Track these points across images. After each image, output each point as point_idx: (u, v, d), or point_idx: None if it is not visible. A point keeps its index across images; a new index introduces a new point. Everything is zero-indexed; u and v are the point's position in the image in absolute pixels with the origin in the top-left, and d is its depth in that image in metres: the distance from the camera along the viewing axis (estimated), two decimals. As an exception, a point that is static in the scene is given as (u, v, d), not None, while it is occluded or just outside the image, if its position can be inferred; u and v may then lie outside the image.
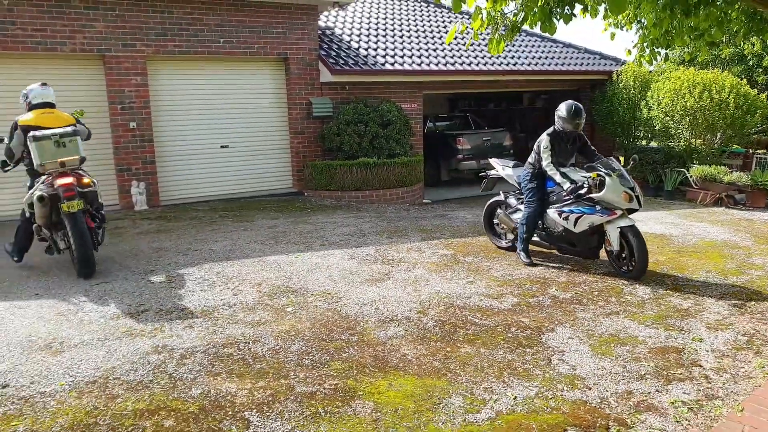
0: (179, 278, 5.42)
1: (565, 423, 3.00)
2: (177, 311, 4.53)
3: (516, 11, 4.05)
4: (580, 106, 5.81)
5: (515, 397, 3.25)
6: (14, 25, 8.34)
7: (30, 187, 5.53)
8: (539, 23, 3.88)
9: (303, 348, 3.85)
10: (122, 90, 9.19)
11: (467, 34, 13.01)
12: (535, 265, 5.97)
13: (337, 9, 12.65)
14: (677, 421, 3.03)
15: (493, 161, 6.97)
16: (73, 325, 4.23)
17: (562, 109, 5.79)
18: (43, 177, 5.33)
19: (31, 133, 5.28)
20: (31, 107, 5.72)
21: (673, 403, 3.20)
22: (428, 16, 14.63)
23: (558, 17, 3.84)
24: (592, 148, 6.11)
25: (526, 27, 4.14)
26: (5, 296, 4.93)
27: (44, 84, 5.91)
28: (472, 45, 12.52)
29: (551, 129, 5.87)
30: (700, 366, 3.68)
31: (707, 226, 8.15)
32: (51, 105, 5.80)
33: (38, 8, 8.49)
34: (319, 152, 10.95)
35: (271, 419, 2.96)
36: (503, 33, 3.97)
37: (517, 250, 6.18)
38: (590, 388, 3.37)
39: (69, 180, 5.19)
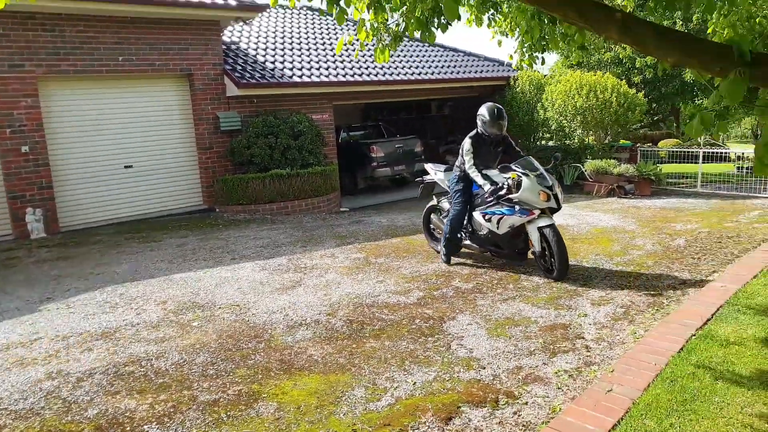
0: (79, 303, 5.22)
1: (460, 401, 3.18)
2: (75, 336, 4.38)
3: (398, 22, 4.26)
4: (502, 108, 5.81)
5: (415, 383, 3.41)
6: None
7: None
8: (419, 32, 4.10)
9: (208, 359, 3.84)
10: (11, 113, 8.71)
11: (356, 43, 13.35)
12: (452, 265, 6.09)
13: (241, 24, 12.60)
14: (558, 388, 3.29)
15: (427, 166, 6.92)
16: (-42, 360, 3.99)
17: (483, 112, 5.76)
18: None
19: None
20: None
21: (556, 373, 3.47)
22: (334, 28, 14.85)
23: (435, 26, 4.09)
24: (518, 149, 6.06)
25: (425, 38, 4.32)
26: None
27: None
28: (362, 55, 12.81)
29: (474, 132, 5.86)
30: (583, 338, 3.99)
31: (600, 215, 8.77)
32: None
33: None
34: (229, 167, 10.83)
35: (172, 430, 2.95)
36: (387, 43, 4.16)
37: (439, 251, 6.27)
38: (484, 368, 3.58)
39: None
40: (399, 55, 13.91)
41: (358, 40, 4.24)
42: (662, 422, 2.83)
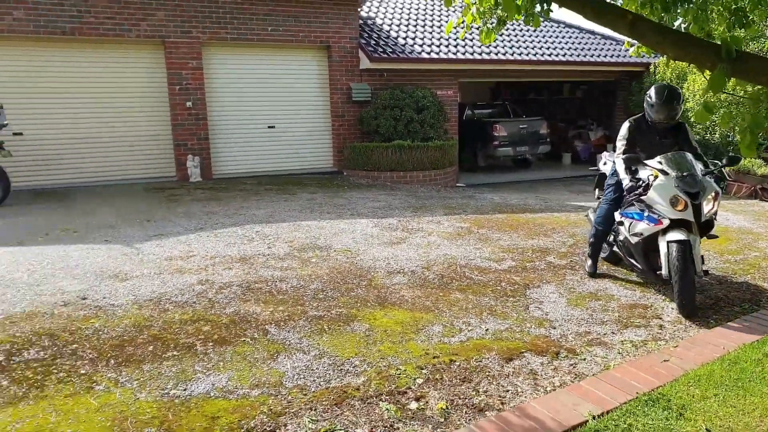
0: (224, 234, 6.30)
1: (524, 348, 3.64)
2: (219, 257, 5.39)
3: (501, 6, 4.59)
4: (676, 89, 4.61)
5: (487, 329, 3.91)
6: (89, 14, 9.43)
7: None
8: (523, 17, 4.40)
9: (319, 287, 4.62)
10: (180, 72, 10.20)
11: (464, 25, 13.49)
12: (599, 276, 5.14)
13: (379, 0, 13.33)
14: (619, 353, 3.62)
15: (604, 154, 5.73)
16: (134, 263, 5.14)
17: (651, 93, 4.63)
18: None
19: None
20: None
21: (621, 342, 3.79)
22: (462, 7, 15.10)
23: (538, 11, 4.37)
24: (695, 144, 4.76)
25: (565, 18, 4.61)
26: (82, 241, 5.93)
27: None
28: (494, 35, 12.92)
29: (638, 115, 4.88)
30: (660, 318, 4.22)
31: (730, 214, 8.42)
32: None
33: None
34: (357, 134, 11.72)
35: (285, 331, 3.74)
36: (493, 26, 4.54)
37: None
38: (555, 328, 3.99)
39: None
40: (531, 35, 13.90)
41: (464, 22, 4.63)
42: (707, 391, 3.09)
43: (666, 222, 4.23)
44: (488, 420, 2.79)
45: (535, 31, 13.98)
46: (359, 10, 11.87)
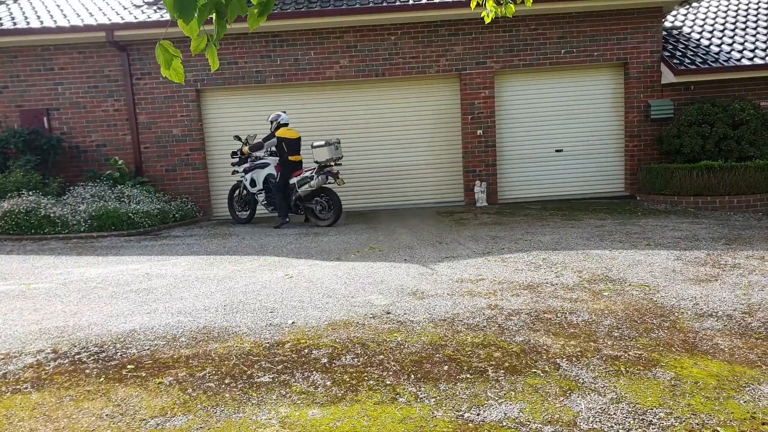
0: (511, 260, 6.38)
1: None
2: (507, 283, 5.47)
3: None
4: None
5: (841, 399, 3.12)
6: (397, 56, 10.67)
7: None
8: None
9: (613, 323, 4.31)
10: (473, 102, 10.77)
11: None
12: None
13: (686, 7, 12.02)
14: None
15: None
16: (429, 282, 5.56)
17: None
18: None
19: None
20: (281, 125, 9.34)
21: None
22: (807, -2, 12.54)
23: None
24: None
25: None
26: (385, 259, 6.67)
27: (284, 112, 9.68)
28: None
29: None
30: None
31: None
32: (287, 124, 9.48)
33: (414, 40, 10.65)
34: (654, 155, 10.72)
35: (578, 367, 3.57)
36: None
37: None
38: None
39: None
40: None
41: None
42: None
43: None
44: None
45: None
46: (663, 20, 10.89)
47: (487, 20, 5.49)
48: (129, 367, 3.77)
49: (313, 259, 6.91)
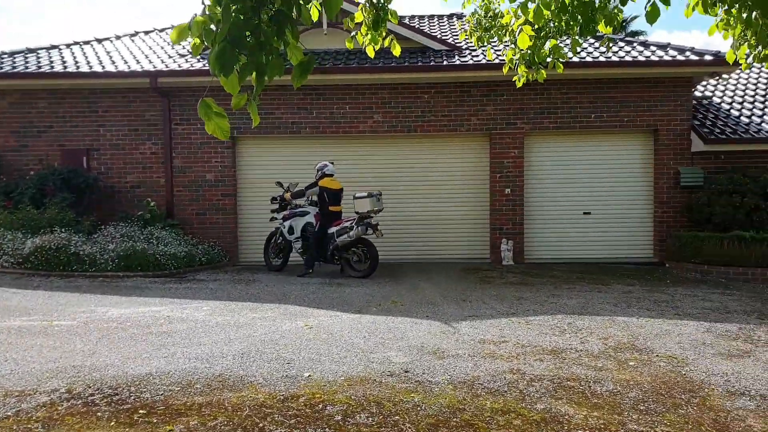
0: (535, 322, 6.26)
1: None
2: (531, 347, 5.34)
3: None
4: None
5: None
6: (430, 113, 10.89)
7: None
8: None
9: (639, 396, 4.16)
10: (502, 161, 10.85)
11: None
12: None
13: (717, 78, 12.09)
14: None
15: None
16: (451, 342, 5.47)
17: None
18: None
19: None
20: (326, 175, 9.37)
21: None
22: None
23: None
24: None
25: None
26: (407, 314, 6.61)
27: (332, 162, 9.73)
28: None
29: None
30: None
31: None
32: (331, 175, 9.57)
33: (447, 100, 10.88)
34: (684, 223, 10.57)
35: (601, 442, 3.44)
36: None
37: None
38: None
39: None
40: None
41: None
42: None
43: None
44: None
45: None
46: (693, 90, 10.95)
47: (519, 84, 5.60)
48: (141, 412, 3.75)
49: (334, 310, 6.88)
